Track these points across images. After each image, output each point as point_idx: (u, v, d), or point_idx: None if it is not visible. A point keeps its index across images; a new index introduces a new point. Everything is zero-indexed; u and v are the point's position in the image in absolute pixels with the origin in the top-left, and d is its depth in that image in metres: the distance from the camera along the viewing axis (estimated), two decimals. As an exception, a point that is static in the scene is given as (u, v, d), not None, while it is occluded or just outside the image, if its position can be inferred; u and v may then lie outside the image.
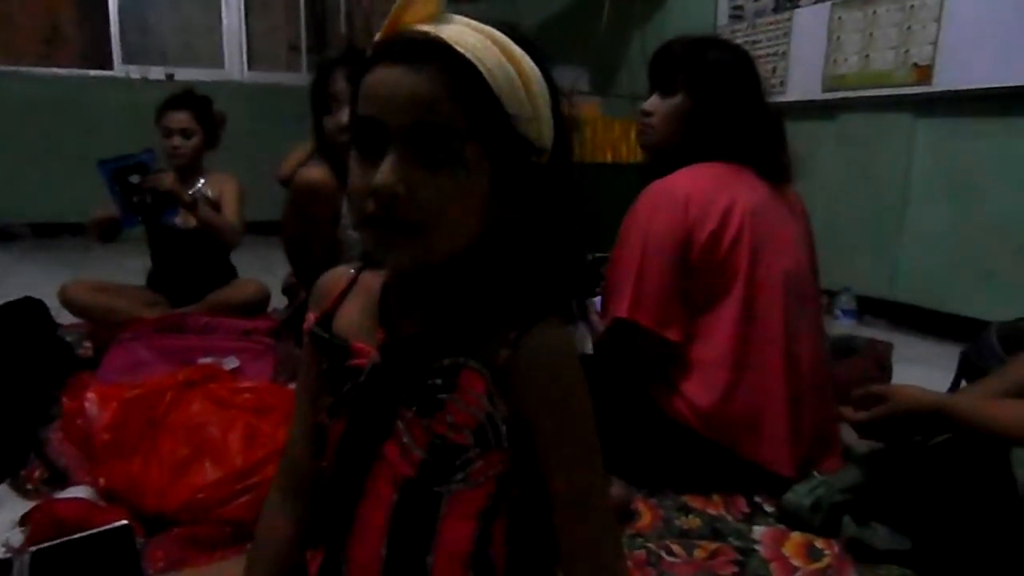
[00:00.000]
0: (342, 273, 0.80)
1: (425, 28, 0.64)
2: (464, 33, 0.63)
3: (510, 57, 0.64)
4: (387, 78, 0.63)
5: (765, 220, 1.51)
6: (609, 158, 3.58)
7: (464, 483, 0.69)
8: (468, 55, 0.62)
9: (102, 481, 1.38)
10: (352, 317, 0.76)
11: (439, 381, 0.68)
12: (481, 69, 0.62)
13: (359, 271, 0.79)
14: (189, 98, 2.52)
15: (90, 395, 1.56)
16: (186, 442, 1.39)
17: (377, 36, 0.66)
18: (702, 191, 1.48)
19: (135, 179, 2.35)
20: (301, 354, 0.83)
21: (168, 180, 2.36)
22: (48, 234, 5.09)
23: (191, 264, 2.59)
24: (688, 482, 1.51)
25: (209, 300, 2.51)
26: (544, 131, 0.67)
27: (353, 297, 0.78)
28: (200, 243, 2.51)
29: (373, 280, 0.76)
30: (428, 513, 0.70)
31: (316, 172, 2.11)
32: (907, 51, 2.80)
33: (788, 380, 1.49)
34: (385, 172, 0.62)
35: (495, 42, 0.64)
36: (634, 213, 1.54)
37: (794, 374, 1.51)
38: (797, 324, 1.52)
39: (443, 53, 0.62)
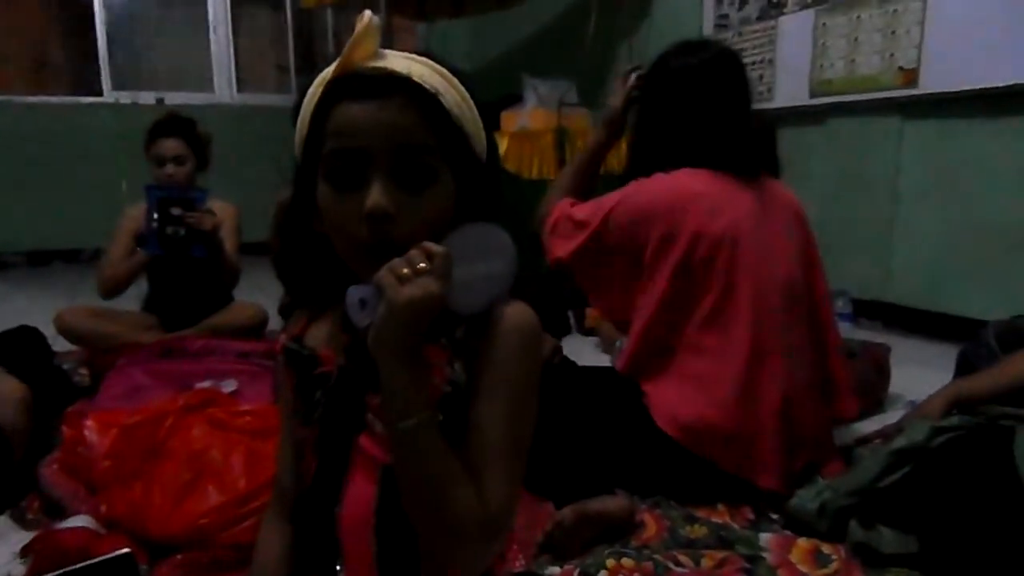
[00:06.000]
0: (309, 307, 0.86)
1: (377, 64, 0.71)
2: (412, 65, 0.72)
3: (450, 82, 0.73)
4: (361, 112, 0.70)
5: (747, 237, 1.51)
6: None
7: None
8: (426, 85, 0.71)
9: (103, 509, 1.37)
10: (320, 335, 0.81)
11: None
12: (438, 96, 0.71)
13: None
14: (176, 123, 2.52)
15: (89, 423, 1.55)
16: (188, 467, 1.38)
17: (329, 75, 0.73)
18: (669, 211, 1.51)
19: (177, 211, 2.39)
20: (277, 377, 0.87)
21: (210, 222, 2.39)
22: (41, 262, 5.08)
23: (190, 288, 2.58)
24: (682, 495, 1.51)
25: (207, 323, 2.50)
26: (483, 140, 0.77)
27: (320, 320, 0.83)
28: (203, 269, 2.51)
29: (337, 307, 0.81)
30: None
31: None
32: (892, 55, 2.82)
33: (780, 398, 1.50)
34: (377, 195, 0.68)
35: (435, 70, 0.72)
36: (617, 191, 1.61)
37: (786, 389, 1.51)
38: (788, 338, 1.53)
39: (405, 85, 0.70)
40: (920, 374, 2.24)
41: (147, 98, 5.33)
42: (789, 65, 3.23)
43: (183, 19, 5.58)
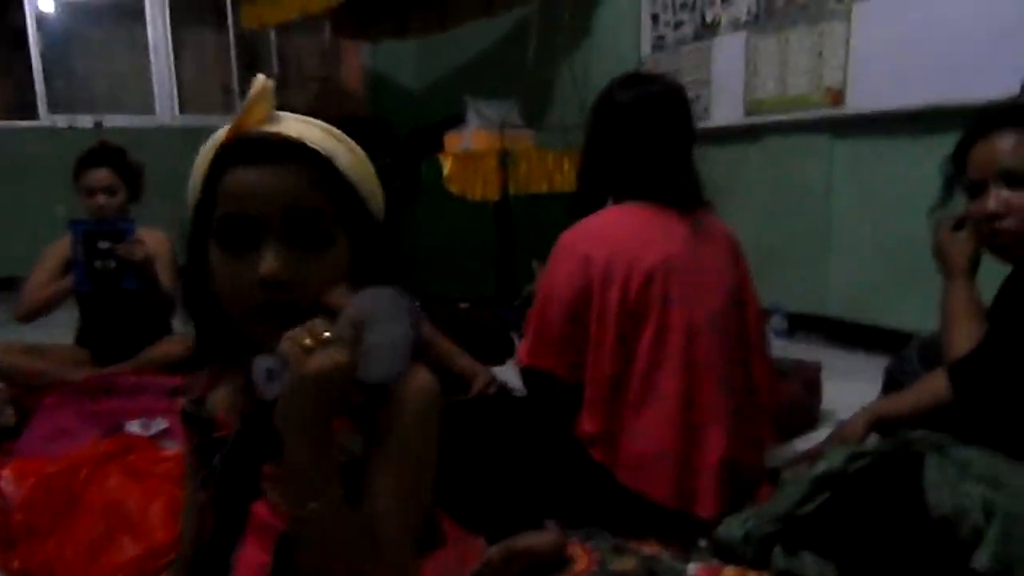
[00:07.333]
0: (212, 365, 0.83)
1: (271, 129, 0.71)
2: (305, 130, 0.71)
3: (345, 144, 0.74)
4: (253, 178, 0.69)
5: (679, 270, 1.51)
6: (544, 188, 3.61)
7: None
8: (320, 149, 0.71)
9: (16, 564, 1.33)
10: (222, 397, 0.79)
11: None
12: (334, 160, 0.72)
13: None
14: (106, 153, 2.46)
15: (5, 473, 1.51)
16: (104, 519, 1.34)
17: (220, 139, 0.72)
18: (605, 251, 1.50)
19: (104, 244, 2.32)
20: (183, 441, 0.85)
21: (140, 252, 2.32)
22: (-28, 292, 4.91)
23: (123, 321, 2.52)
24: (614, 526, 1.51)
25: (141, 358, 2.44)
26: (380, 200, 0.78)
27: (224, 381, 0.81)
28: (136, 301, 2.45)
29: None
30: None
31: None
32: (820, 75, 2.90)
33: (718, 430, 1.51)
34: (270, 261, 0.68)
35: (331, 134, 0.73)
36: (549, 259, 1.57)
37: (724, 420, 1.52)
38: (722, 370, 1.54)
39: (298, 150, 0.70)
40: (854, 388, 2.28)
41: (85, 121, 5.20)
42: (724, 85, 3.30)
43: (122, 40, 5.48)
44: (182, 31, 5.58)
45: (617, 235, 1.52)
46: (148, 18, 5.36)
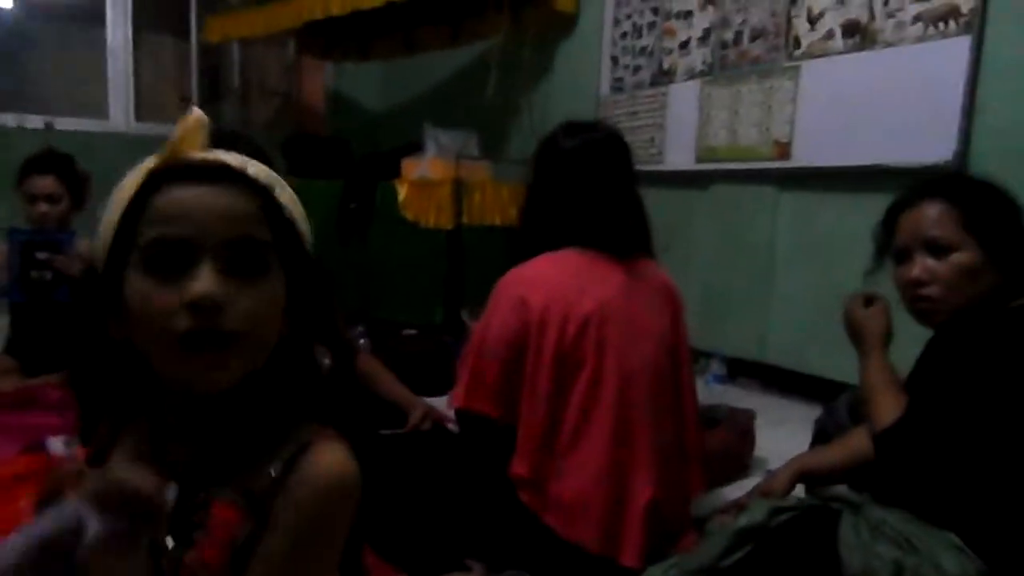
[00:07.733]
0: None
1: (208, 155, 0.68)
2: (240, 160, 0.69)
3: (283, 182, 0.72)
4: (188, 196, 0.66)
5: (614, 317, 1.52)
6: (498, 220, 3.63)
7: None
8: (260, 179, 0.69)
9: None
10: (127, 453, 0.72)
11: (194, 519, 0.68)
12: (272, 191, 0.70)
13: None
14: (52, 160, 2.41)
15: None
16: (9, 544, 1.29)
17: (148, 167, 0.69)
18: (542, 296, 1.50)
19: (43, 255, 2.27)
20: None
21: (77, 266, 2.26)
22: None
23: (55, 333, 2.44)
24: (537, 568, 1.51)
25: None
26: (310, 243, 0.75)
27: (126, 437, 0.74)
28: (70, 314, 2.38)
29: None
30: None
31: None
32: (768, 128, 2.98)
33: (648, 479, 1.52)
34: (206, 282, 0.63)
35: (268, 170, 0.71)
36: (490, 298, 1.57)
37: (654, 469, 1.53)
38: (654, 419, 1.55)
39: (238, 176, 0.68)
40: (789, 436, 2.32)
41: (35, 122, 5.08)
42: (677, 131, 3.37)
43: (79, 41, 5.37)
44: (143, 37, 5.49)
45: (555, 280, 1.53)
46: (109, 21, 5.27)
